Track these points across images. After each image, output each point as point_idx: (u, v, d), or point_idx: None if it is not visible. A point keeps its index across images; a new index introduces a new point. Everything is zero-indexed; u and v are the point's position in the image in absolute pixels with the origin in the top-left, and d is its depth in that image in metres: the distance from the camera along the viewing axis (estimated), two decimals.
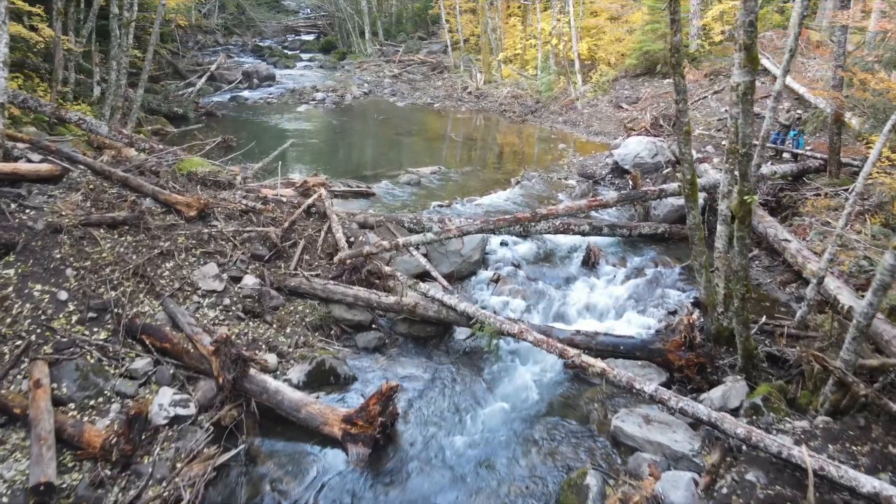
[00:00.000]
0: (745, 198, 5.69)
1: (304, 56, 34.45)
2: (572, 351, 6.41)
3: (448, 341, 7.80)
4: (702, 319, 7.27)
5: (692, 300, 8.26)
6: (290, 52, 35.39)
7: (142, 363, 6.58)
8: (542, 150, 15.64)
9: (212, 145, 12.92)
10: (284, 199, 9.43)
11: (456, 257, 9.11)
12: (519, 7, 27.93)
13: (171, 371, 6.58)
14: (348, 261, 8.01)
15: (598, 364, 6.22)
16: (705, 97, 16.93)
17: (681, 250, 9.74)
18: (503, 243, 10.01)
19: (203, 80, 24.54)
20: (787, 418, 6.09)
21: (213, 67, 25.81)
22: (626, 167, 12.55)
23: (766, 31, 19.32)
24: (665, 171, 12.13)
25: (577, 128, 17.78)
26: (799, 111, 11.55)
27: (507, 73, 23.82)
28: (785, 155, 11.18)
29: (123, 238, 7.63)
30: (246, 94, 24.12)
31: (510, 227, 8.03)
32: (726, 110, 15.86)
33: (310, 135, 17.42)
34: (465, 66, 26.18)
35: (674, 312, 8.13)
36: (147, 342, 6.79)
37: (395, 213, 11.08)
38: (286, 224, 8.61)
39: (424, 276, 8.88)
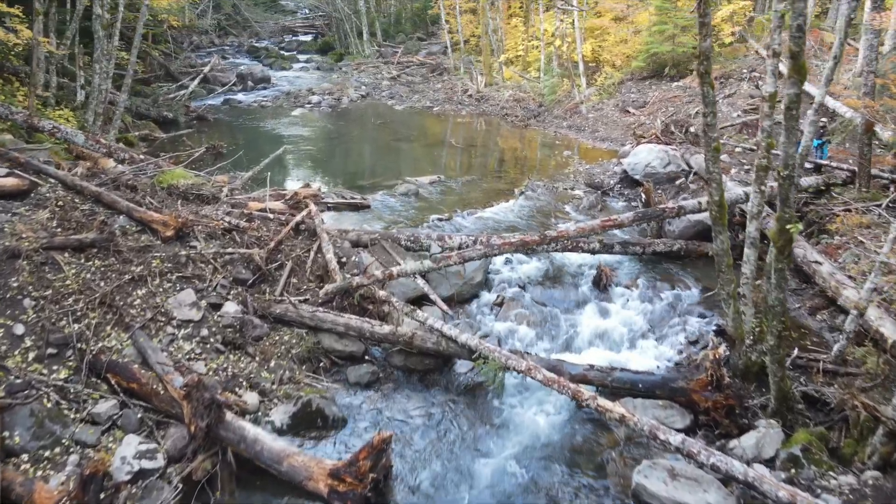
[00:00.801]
0: (788, 226, 4.99)
1: (301, 57, 33.76)
2: (586, 393, 5.73)
3: (448, 375, 7.12)
4: (728, 353, 6.60)
5: (714, 327, 7.58)
6: (286, 54, 34.69)
7: (106, 406, 5.89)
8: (546, 157, 14.95)
9: (199, 153, 12.17)
10: (271, 216, 8.74)
11: (456, 279, 8.42)
12: (520, 7, 27.24)
13: (139, 415, 5.89)
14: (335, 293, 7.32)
15: (617, 409, 5.54)
16: (716, 101, 16.20)
17: (699, 270, 9.06)
18: (507, 261, 9.33)
19: (196, 82, 23.83)
20: (830, 472, 5.40)
21: (206, 69, 25.11)
22: (637, 177, 11.86)
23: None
24: (679, 182, 11.44)
25: (583, 133, 17.09)
26: (823, 120, 10.86)
27: (508, 76, 23.13)
28: (806, 165, 10.49)
29: (91, 263, 6.93)
30: (240, 96, 23.43)
31: (516, 251, 7.32)
32: (739, 115, 15.19)
33: (304, 140, 16.73)
34: (465, 68, 25.49)
35: (695, 342, 7.45)
36: (113, 381, 6.10)
37: (392, 227, 10.40)
38: (272, 244, 7.91)
39: (423, 299, 8.20)
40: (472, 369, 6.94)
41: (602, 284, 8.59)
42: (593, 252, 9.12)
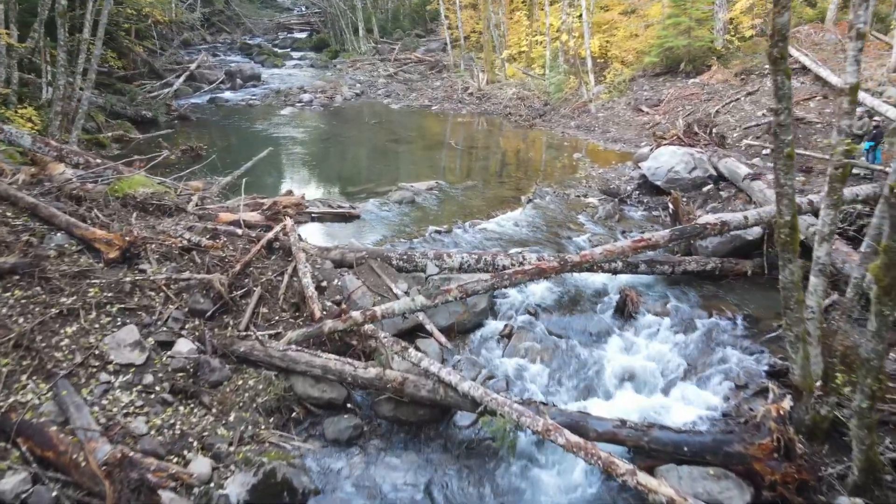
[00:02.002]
0: None
1: (295, 54, 32.53)
2: (622, 465, 4.50)
3: (447, 428, 5.87)
4: (792, 405, 5.37)
5: (766, 367, 6.35)
6: (280, 51, 33.47)
7: (13, 481, 4.64)
8: (554, 159, 13.70)
9: (163, 157, 10.90)
10: (240, 231, 7.48)
11: (457, 305, 7.16)
12: (524, 1, 26.00)
13: (55, 493, 4.64)
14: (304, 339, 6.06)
15: (664, 490, 4.32)
16: (738, 99, 14.99)
17: (738, 292, 7.81)
18: None
19: (181, 80, 22.62)
20: None
21: (192, 66, 23.88)
22: (658, 183, 10.61)
23: (799, 25, 17.41)
24: (706, 190, 10.19)
25: (592, 133, 15.83)
26: (877, 119, 9.61)
27: (511, 73, 21.88)
28: (854, 171, 9.25)
29: (9, 293, 5.68)
30: (227, 95, 22.19)
31: (532, 279, 6.06)
32: (764, 114, 13.94)
33: (292, 142, 15.47)
34: (465, 65, 24.24)
35: (744, 387, 6.20)
36: (24, 448, 4.87)
37: (384, 241, 9.16)
38: (237, 267, 6.65)
39: (417, 330, 6.96)
40: (475, 422, 5.70)
41: (627, 311, 7.33)
42: (615, 272, 7.87)
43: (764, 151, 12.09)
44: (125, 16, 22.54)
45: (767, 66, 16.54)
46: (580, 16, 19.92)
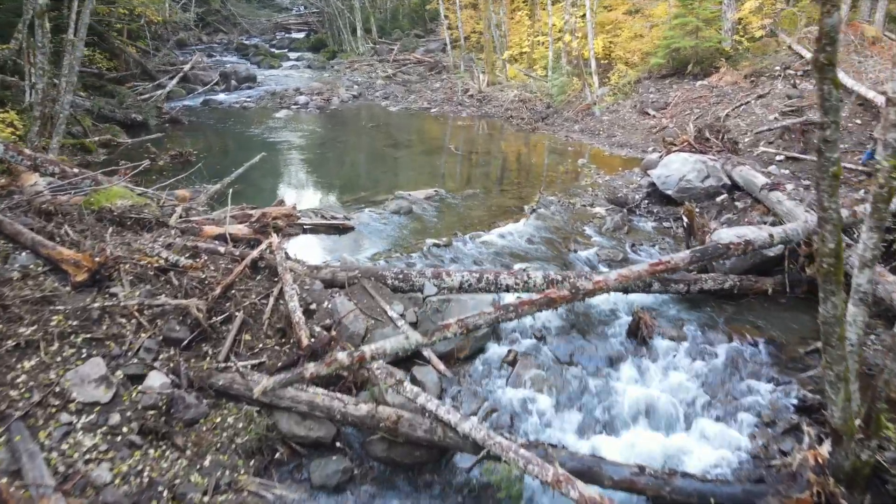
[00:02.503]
0: None
1: (292, 55, 32.00)
2: None
3: (446, 471, 5.33)
4: (830, 450, 4.84)
5: (794, 401, 5.81)
6: (276, 51, 32.93)
7: None
8: (558, 165, 13.15)
9: (150, 164, 10.37)
10: (222, 249, 6.93)
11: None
12: (524, 1, 25.45)
13: None
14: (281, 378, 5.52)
15: None
16: (748, 102, 14.45)
17: (758, 313, 7.27)
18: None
19: (174, 81, 22.09)
20: None
21: (186, 67, 23.34)
22: (669, 192, 10.07)
23: (809, 25, 16.88)
24: (721, 200, 9.65)
25: (597, 138, 15.29)
26: None
27: (512, 74, 21.34)
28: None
29: None
30: (221, 97, 21.66)
31: (540, 310, 5.51)
32: (777, 118, 13.40)
33: (286, 147, 14.93)
34: (465, 66, 23.70)
35: (771, 423, 5.65)
36: None
37: (379, 255, 8.61)
38: (218, 290, 6.11)
39: (415, 356, 6.42)
40: (478, 462, 5.16)
41: (640, 335, 6.78)
42: (626, 291, 7.33)
43: (778, 158, 11.56)
44: (117, 16, 22.05)
45: (778, 68, 16.06)
46: (583, 15, 19.39)
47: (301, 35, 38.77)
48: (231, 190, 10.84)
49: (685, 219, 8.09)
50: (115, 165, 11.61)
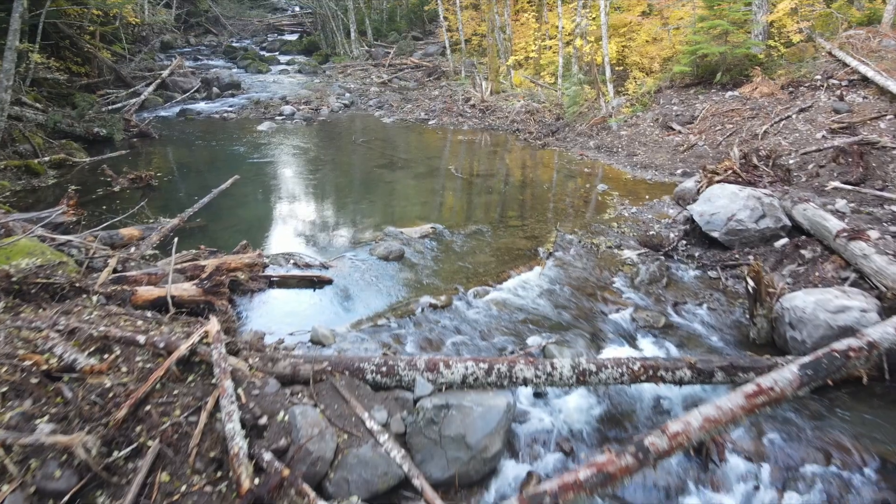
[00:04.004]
0: None
1: (283, 59, 30.23)
2: None
3: None
4: None
5: None
6: (266, 54, 31.19)
7: None
8: (574, 192, 11.39)
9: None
10: (142, 340, 5.14)
11: (458, 448, 4.88)
12: (529, 1, 23.71)
13: None
14: None
15: None
16: (788, 117, 12.70)
17: (853, 411, 5.52)
18: (538, 395, 5.82)
19: (150, 88, 20.36)
20: None
21: (165, 73, 21.58)
22: (714, 234, 8.31)
23: (849, 28, 15.15)
24: (781, 246, 7.89)
25: (616, 157, 13.54)
26: None
27: (518, 81, 19.58)
28: None
29: None
30: (201, 105, 19.91)
31: (592, 493, 3.73)
32: (825, 136, 11.66)
33: (264, 167, 13.18)
34: (466, 72, 21.96)
35: None
36: None
37: (362, 321, 6.86)
38: (124, 410, 4.35)
39: (401, 486, 4.70)
40: None
41: (706, 453, 5.05)
42: (680, 383, 5.60)
43: (832, 184, 9.80)
44: (90, 17, 20.33)
45: (819, 77, 14.31)
46: (595, 17, 17.68)
47: (294, 37, 37.00)
48: (191, 227, 9.16)
49: (750, 281, 6.34)
50: (67, 191, 9.87)
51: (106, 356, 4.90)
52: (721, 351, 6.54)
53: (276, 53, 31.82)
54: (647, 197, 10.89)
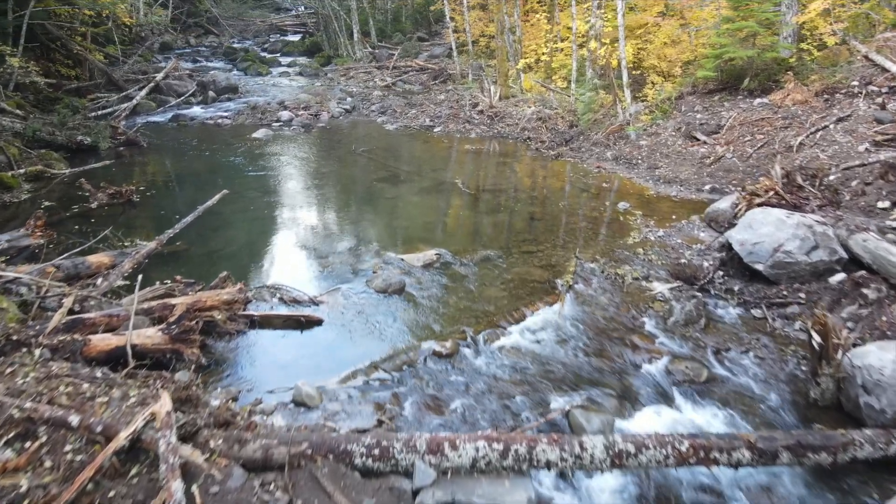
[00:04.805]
0: None
1: (284, 60, 29.32)
2: None
3: None
4: None
5: None
6: (268, 56, 30.28)
7: None
8: (593, 212, 10.39)
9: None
10: (75, 421, 4.18)
11: None
12: (539, 1, 22.69)
13: None
14: None
15: None
16: (825, 127, 11.65)
17: None
18: (561, 475, 4.85)
19: (144, 92, 19.48)
20: None
21: (159, 77, 20.67)
22: (759, 266, 7.30)
23: (884, 31, 14.10)
24: (839, 283, 6.87)
25: (636, 169, 12.53)
26: None
27: (528, 86, 18.58)
28: None
29: None
30: (196, 111, 19.01)
31: None
32: (868, 149, 10.62)
33: (255, 182, 12.24)
34: (474, 75, 20.97)
35: None
36: None
37: (351, 375, 5.89)
38: None
39: None
40: None
41: None
42: (737, 465, 4.62)
43: (880, 204, 8.77)
44: (81, 19, 19.47)
45: (856, 83, 13.25)
46: (610, 18, 16.67)
47: (297, 37, 36.09)
48: (175, 245, 8.21)
49: (816, 335, 5.33)
50: (35, 210, 9.00)
51: (28, 444, 3.95)
52: (776, 411, 5.55)
53: (278, 55, 30.90)
54: (673, 217, 9.88)
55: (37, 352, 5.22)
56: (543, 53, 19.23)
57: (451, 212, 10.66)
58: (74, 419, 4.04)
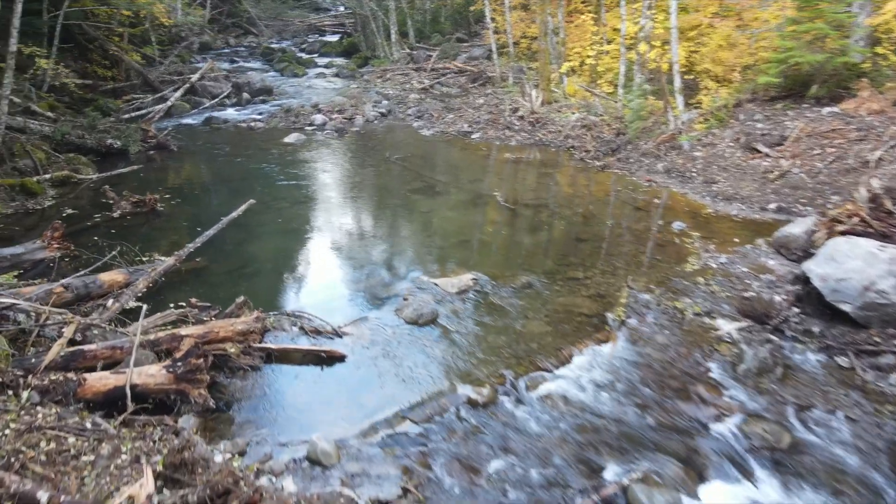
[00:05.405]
0: None
1: (321, 61, 28.94)
2: None
3: None
4: None
5: None
6: (305, 56, 29.94)
7: None
8: (645, 232, 9.50)
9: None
10: (44, 500, 3.55)
11: None
12: (584, 1, 21.71)
13: None
14: None
15: None
16: None
17: None
18: None
19: (178, 94, 19.21)
20: None
21: (194, 78, 20.41)
22: (844, 306, 6.36)
23: None
24: None
25: (690, 184, 11.55)
26: None
27: (572, 91, 17.66)
28: None
29: None
30: (229, 113, 18.64)
31: None
32: None
33: (283, 191, 11.68)
34: (514, 78, 20.14)
35: None
36: None
37: (372, 429, 5.20)
38: None
39: None
40: None
41: None
42: None
43: None
44: (118, 20, 19.35)
45: None
46: (662, 19, 15.65)
47: (335, 38, 35.75)
48: (195, 261, 7.66)
49: None
50: (64, 216, 8.61)
51: None
52: (879, 492, 4.64)
53: (315, 55, 30.53)
54: (735, 240, 8.93)
55: (24, 394, 4.67)
56: (588, 56, 18.28)
57: (489, 229, 9.89)
58: (43, 497, 3.42)
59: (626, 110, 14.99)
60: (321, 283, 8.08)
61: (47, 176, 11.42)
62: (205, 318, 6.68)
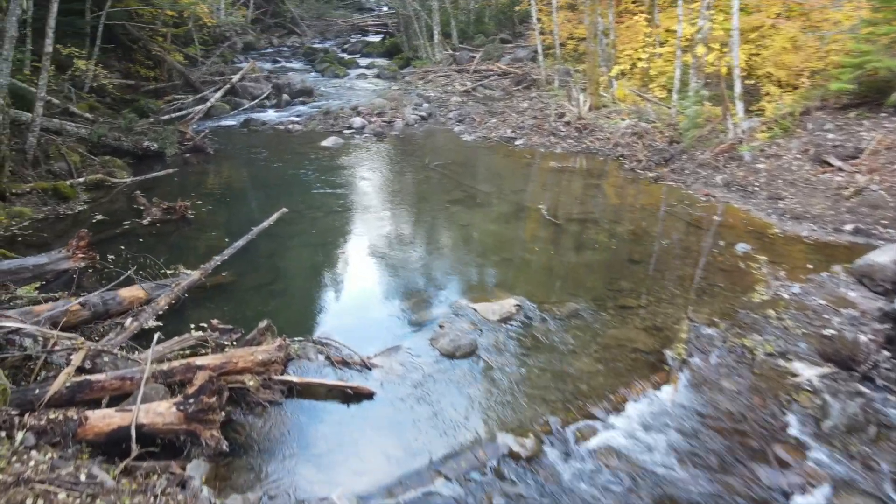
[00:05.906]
0: None
1: (362, 62, 28.59)
2: None
3: None
4: None
5: None
6: (347, 57, 29.66)
7: None
8: (705, 254, 8.68)
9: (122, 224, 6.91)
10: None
11: None
12: (635, 1, 20.74)
13: None
14: None
15: None
16: None
17: None
18: None
19: (219, 94, 19.05)
20: None
21: (235, 78, 20.25)
22: None
23: None
24: None
25: (753, 199, 10.63)
26: None
27: (621, 95, 16.78)
28: None
29: None
30: (269, 114, 18.39)
31: None
32: None
33: (317, 200, 11.22)
34: (560, 82, 19.34)
35: None
36: None
37: (402, 484, 4.60)
38: None
39: None
40: None
41: None
42: None
43: None
44: (162, 20, 19.32)
45: None
46: (721, 20, 14.69)
47: (378, 38, 35.45)
48: (221, 276, 7.22)
49: None
50: (94, 222, 8.30)
51: None
52: None
53: (357, 56, 30.22)
54: (809, 266, 8.05)
55: (19, 436, 4.24)
56: (640, 59, 17.37)
57: (533, 246, 9.21)
58: None
59: (681, 117, 14.08)
60: (352, 303, 7.56)
61: (81, 179, 11.22)
62: (225, 343, 6.22)
